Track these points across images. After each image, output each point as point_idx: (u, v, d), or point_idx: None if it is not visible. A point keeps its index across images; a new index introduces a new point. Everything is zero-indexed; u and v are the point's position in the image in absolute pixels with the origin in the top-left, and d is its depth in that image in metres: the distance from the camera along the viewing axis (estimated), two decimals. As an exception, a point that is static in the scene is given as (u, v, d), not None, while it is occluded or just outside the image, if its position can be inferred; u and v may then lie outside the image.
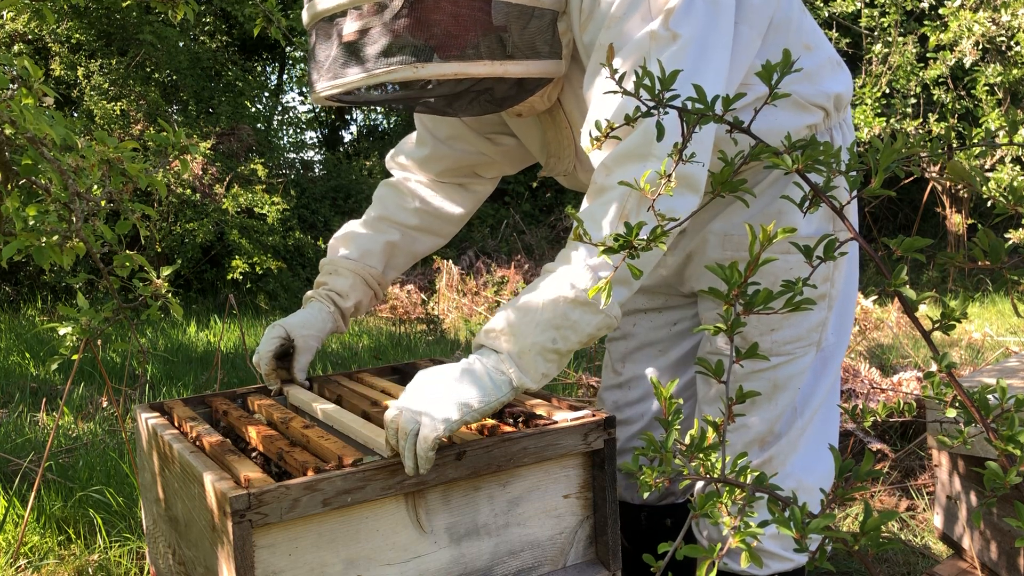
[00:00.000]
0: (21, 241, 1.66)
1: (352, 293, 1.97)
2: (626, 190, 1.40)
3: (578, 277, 1.41)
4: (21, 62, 1.66)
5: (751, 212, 1.68)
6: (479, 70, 1.47)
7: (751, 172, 1.68)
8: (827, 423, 1.80)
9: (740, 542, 0.81)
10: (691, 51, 1.40)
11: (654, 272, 1.89)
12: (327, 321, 1.94)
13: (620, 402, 1.99)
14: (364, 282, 1.98)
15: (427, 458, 1.34)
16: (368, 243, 1.99)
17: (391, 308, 7.03)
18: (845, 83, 1.72)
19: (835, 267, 1.72)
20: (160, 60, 8.04)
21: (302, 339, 1.89)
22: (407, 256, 2.05)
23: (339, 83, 1.49)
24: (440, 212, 2.03)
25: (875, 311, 5.02)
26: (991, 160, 6.85)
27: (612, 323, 1.44)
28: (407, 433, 1.35)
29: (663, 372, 1.95)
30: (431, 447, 1.33)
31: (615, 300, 1.43)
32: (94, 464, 3.02)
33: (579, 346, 1.45)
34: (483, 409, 1.39)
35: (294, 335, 1.89)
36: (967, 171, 1.01)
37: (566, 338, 1.42)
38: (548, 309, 1.42)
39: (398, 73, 1.44)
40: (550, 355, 1.43)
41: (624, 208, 1.41)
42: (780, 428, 1.73)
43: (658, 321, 1.95)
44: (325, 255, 2.03)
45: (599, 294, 1.03)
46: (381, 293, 2.03)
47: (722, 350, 1.75)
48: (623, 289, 1.45)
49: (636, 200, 1.40)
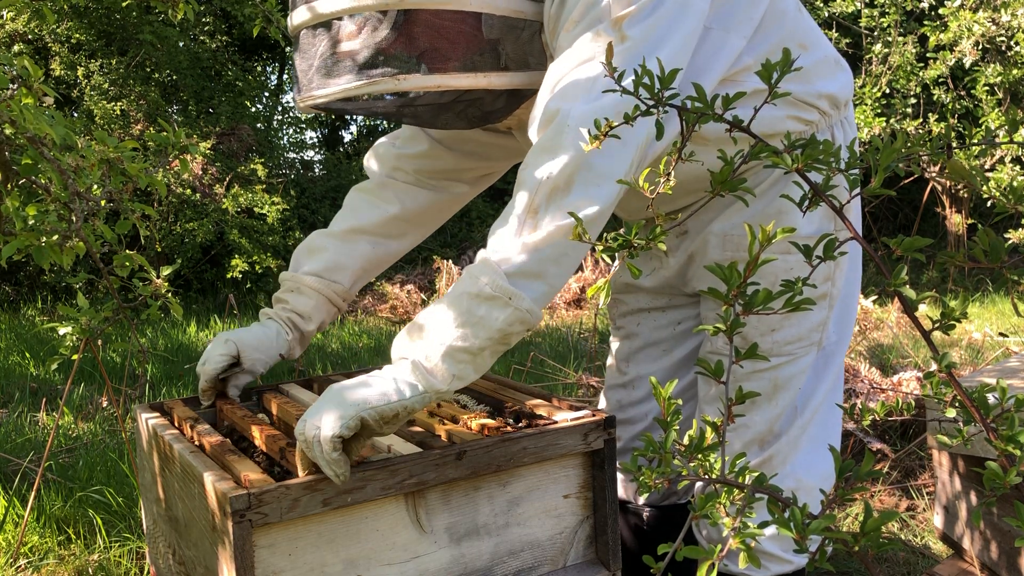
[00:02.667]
0: (21, 241, 1.66)
1: (315, 315, 1.88)
2: (536, 182, 1.38)
3: (483, 272, 1.36)
4: (21, 62, 1.66)
5: (751, 212, 1.67)
6: (462, 83, 1.47)
7: (751, 173, 1.68)
8: (828, 422, 1.80)
9: (740, 543, 0.81)
10: (639, 53, 1.38)
11: (657, 273, 1.89)
12: (282, 347, 1.85)
13: (624, 401, 1.99)
14: (328, 301, 1.89)
15: (331, 460, 1.28)
16: (337, 257, 1.90)
17: (391, 308, 7.03)
18: (843, 82, 1.72)
19: (836, 266, 1.72)
20: (160, 60, 8.04)
21: (250, 361, 1.81)
22: (378, 265, 1.97)
23: (320, 94, 1.49)
24: (420, 216, 1.96)
25: (875, 311, 5.02)
26: (991, 160, 6.85)
27: (526, 317, 1.37)
28: (311, 441, 1.29)
29: (667, 372, 1.95)
30: (332, 448, 1.27)
31: (528, 295, 1.37)
32: (94, 464, 3.02)
33: (493, 344, 1.37)
34: (383, 408, 1.31)
35: (243, 356, 1.80)
36: (967, 171, 1.01)
37: (474, 335, 1.35)
38: (453, 307, 1.36)
39: (379, 85, 1.44)
40: (460, 355, 1.35)
41: (533, 201, 1.38)
42: (780, 427, 1.73)
43: (662, 321, 1.95)
44: None
45: (598, 292, 1.03)
46: (344, 307, 1.95)
47: (722, 350, 1.74)
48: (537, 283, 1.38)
49: (546, 193, 1.37)
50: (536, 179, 1.39)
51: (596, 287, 1.03)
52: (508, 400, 1.76)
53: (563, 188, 1.38)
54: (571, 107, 1.38)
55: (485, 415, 1.65)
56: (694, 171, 1.47)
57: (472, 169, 1.98)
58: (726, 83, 1.57)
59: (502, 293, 1.35)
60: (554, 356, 4.85)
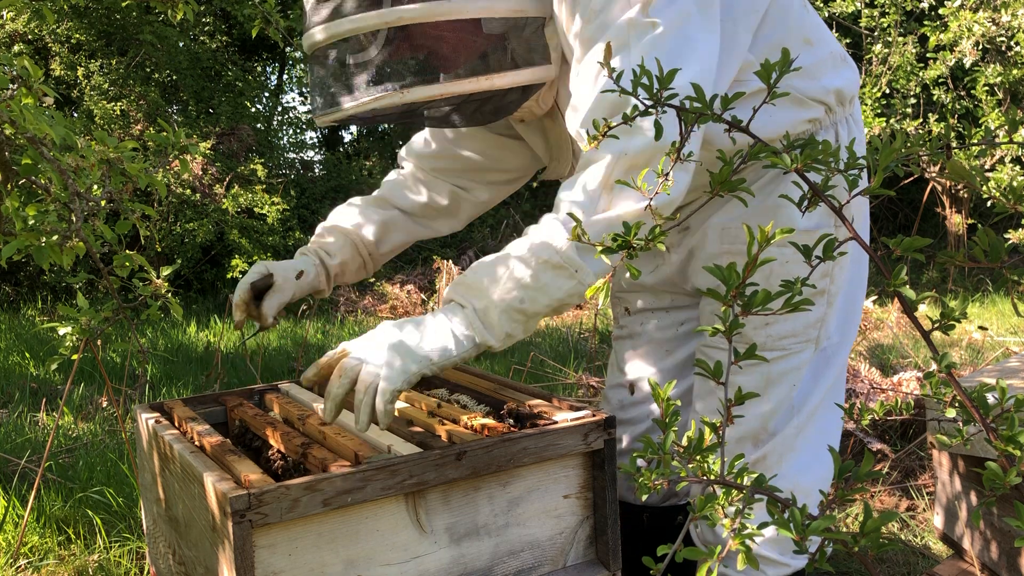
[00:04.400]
0: (21, 241, 1.66)
1: (339, 253, 1.97)
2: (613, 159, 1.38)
3: (554, 238, 1.38)
4: (21, 62, 1.66)
5: (750, 206, 1.67)
6: (466, 88, 1.49)
7: (751, 170, 1.68)
8: (827, 424, 1.79)
9: (740, 544, 0.81)
10: (670, 40, 1.38)
11: (659, 270, 1.89)
12: (310, 273, 1.92)
13: (625, 401, 1.99)
14: (354, 246, 1.98)
15: (386, 412, 1.32)
16: (365, 216, 2.00)
17: (391, 308, 7.03)
18: (848, 78, 1.71)
19: (835, 263, 1.70)
20: (160, 60, 8.04)
21: (281, 279, 1.87)
22: (403, 235, 2.05)
23: (332, 111, 1.57)
24: (439, 207, 2.04)
25: (875, 311, 5.02)
26: (991, 160, 6.85)
27: (583, 292, 1.39)
28: (367, 386, 1.33)
29: (668, 372, 1.95)
30: (390, 400, 1.31)
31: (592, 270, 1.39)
32: (94, 464, 3.02)
33: (547, 311, 1.41)
34: (443, 362, 1.36)
35: (276, 274, 1.87)
36: (967, 171, 1.01)
37: (534, 300, 1.39)
38: (519, 269, 1.39)
39: (385, 100, 1.47)
40: (516, 315, 1.39)
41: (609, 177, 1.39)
42: (775, 426, 1.72)
43: (665, 321, 1.95)
44: None
45: (597, 292, 1.03)
46: (371, 265, 2.04)
47: (715, 343, 1.74)
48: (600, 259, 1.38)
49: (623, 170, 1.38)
50: (613, 154, 1.39)
51: (596, 287, 1.03)
52: (508, 400, 1.76)
53: (641, 167, 1.38)
54: None
55: (485, 415, 1.65)
56: (698, 169, 1.47)
57: (485, 171, 2.03)
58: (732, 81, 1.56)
59: (570, 264, 1.37)
60: (554, 356, 4.85)
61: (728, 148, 1.51)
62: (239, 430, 1.79)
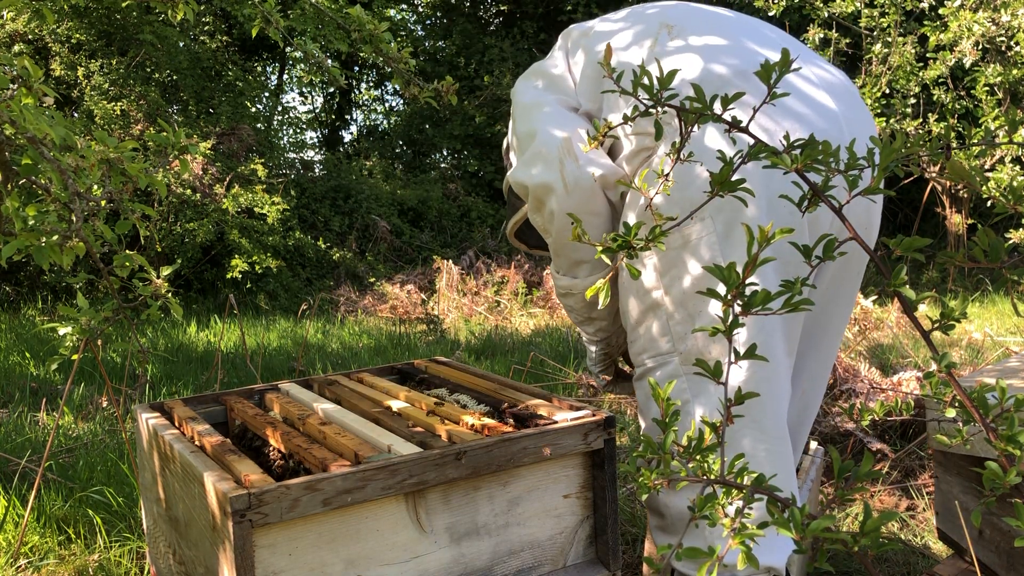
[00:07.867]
0: (21, 241, 1.66)
1: None
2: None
3: None
4: (21, 62, 1.66)
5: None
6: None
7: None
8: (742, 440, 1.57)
9: (739, 543, 0.81)
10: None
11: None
12: None
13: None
14: None
15: None
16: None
17: (391, 308, 7.03)
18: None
19: (680, 265, 1.55)
20: (160, 60, 8.04)
21: None
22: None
23: (515, 243, 2.07)
24: None
25: (875, 311, 5.02)
26: (991, 160, 6.85)
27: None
28: None
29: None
30: None
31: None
32: (94, 464, 3.02)
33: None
34: None
35: None
36: (967, 171, 1.00)
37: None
38: None
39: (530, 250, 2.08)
40: None
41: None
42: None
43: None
44: (325, 255, 2.06)
45: (597, 292, 1.03)
46: None
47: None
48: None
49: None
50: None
51: (596, 287, 1.03)
52: (508, 400, 1.76)
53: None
54: None
55: (485, 415, 1.65)
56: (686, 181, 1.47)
57: None
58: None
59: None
60: (554, 356, 4.85)
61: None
62: (239, 430, 1.79)
